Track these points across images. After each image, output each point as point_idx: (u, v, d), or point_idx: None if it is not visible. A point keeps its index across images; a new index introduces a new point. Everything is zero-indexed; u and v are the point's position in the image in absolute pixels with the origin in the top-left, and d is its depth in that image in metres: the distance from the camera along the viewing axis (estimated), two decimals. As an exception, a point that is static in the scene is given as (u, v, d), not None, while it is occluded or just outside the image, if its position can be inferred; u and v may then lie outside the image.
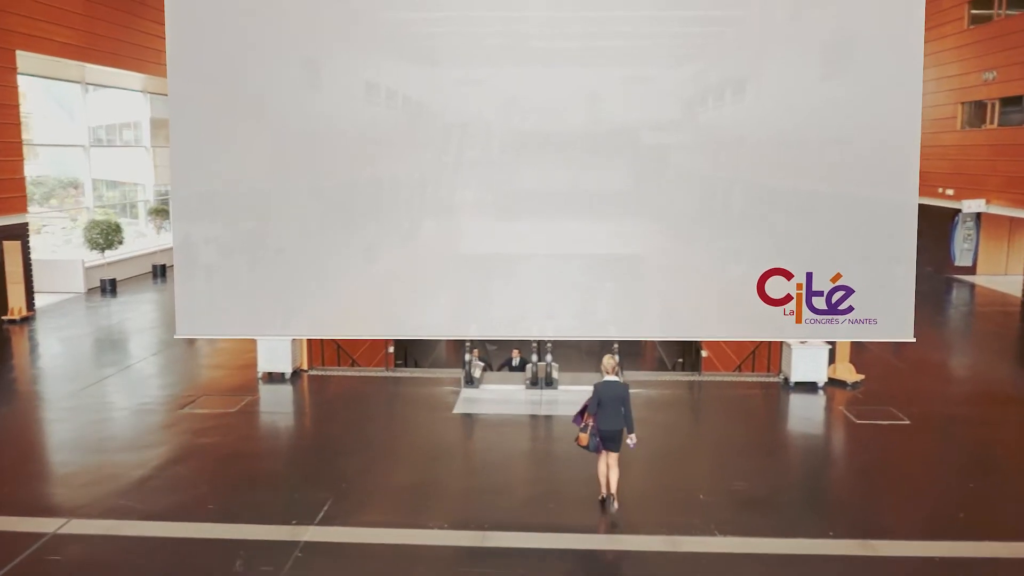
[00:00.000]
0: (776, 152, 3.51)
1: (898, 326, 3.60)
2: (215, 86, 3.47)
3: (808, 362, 12.33)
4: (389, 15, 3.45)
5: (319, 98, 3.50)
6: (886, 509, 8.43)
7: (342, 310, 3.70)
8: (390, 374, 13.57)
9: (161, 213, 23.89)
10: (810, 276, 3.55)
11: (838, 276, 3.55)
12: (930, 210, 22.92)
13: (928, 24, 3.42)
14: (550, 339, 11.84)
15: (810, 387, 12.32)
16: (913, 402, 11.61)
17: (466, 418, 11.29)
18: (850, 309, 3.57)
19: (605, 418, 8.03)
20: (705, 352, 15.42)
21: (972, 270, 23.61)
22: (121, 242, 20.28)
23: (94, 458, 9.64)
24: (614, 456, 8.17)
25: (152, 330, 16.44)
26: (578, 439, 8.19)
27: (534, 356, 12.67)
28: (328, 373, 13.38)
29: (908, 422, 10.86)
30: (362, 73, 3.45)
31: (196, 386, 12.57)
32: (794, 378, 12.37)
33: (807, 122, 3.47)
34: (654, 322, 3.74)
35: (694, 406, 12.28)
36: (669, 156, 3.53)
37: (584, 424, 8.15)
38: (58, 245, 22.04)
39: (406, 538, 7.63)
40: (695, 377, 13.53)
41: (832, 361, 12.55)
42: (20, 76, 17.45)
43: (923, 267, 22.98)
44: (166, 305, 18.77)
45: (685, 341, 17.97)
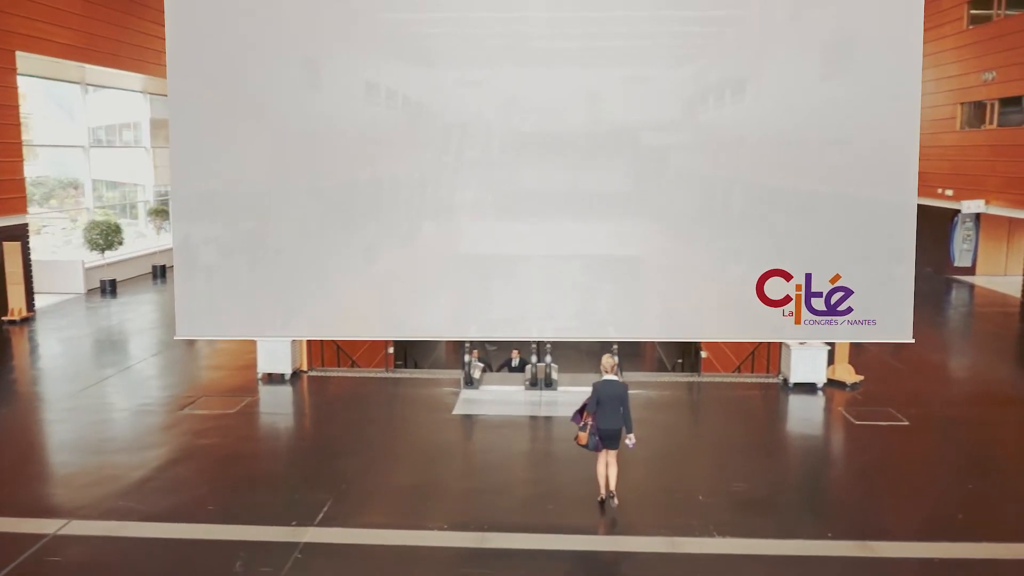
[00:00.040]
0: (775, 152, 3.51)
1: (897, 327, 3.60)
2: (215, 86, 3.47)
3: (807, 363, 12.33)
4: (389, 15, 3.45)
5: (319, 98, 3.50)
6: (885, 510, 8.43)
7: (342, 311, 3.70)
8: (390, 375, 13.56)
9: (161, 214, 23.89)
10: (809, 277, 3.55)
11: (837, 277, 3.55)
12: (929, 210, 22.92)
13: (927, 24, 3.43)
14: (549, 340, 11.84)
15: (809, 388, 12.32)
16: (912, 403, 11.61)
17: (465, 419, 11.29)
18: (849, 310, 3.57)
19: (604, 417, 8.05)
20: (704, 353, 15.42)
21: (971, 271, 23.62)
22: (121, 243, 20.28)
23: (94, 459, 9.63)
24: (613, 454, 8.21)
25: (152, 331, 16.44)
26: (577, 438, 8.21)
27: (533, 357, 12.66)
28: (328, 374, 13.37)
29: (907, 423, 10.86)
30: (362, 73, 3.45)
31: (196, 387, 12.57)
32: (793, 379, 12.36)
33: (806, 122, 3.47)
34: (653, 323, 3.75)
35: (693, 407, 12.28)
36: (669, 156, 3.53)
37: (583, 423, 8.17)
38: (58, 246, 22.04)
39: (406, 539, 7.62)
40: (694, 378, 13.52)
41: (831, 362, 12.54)
42: (20, 77, 17.47)
43: (922, 268, 22.98)
44: (166, 306, 18.76)
45: (685, 342, 17.97)
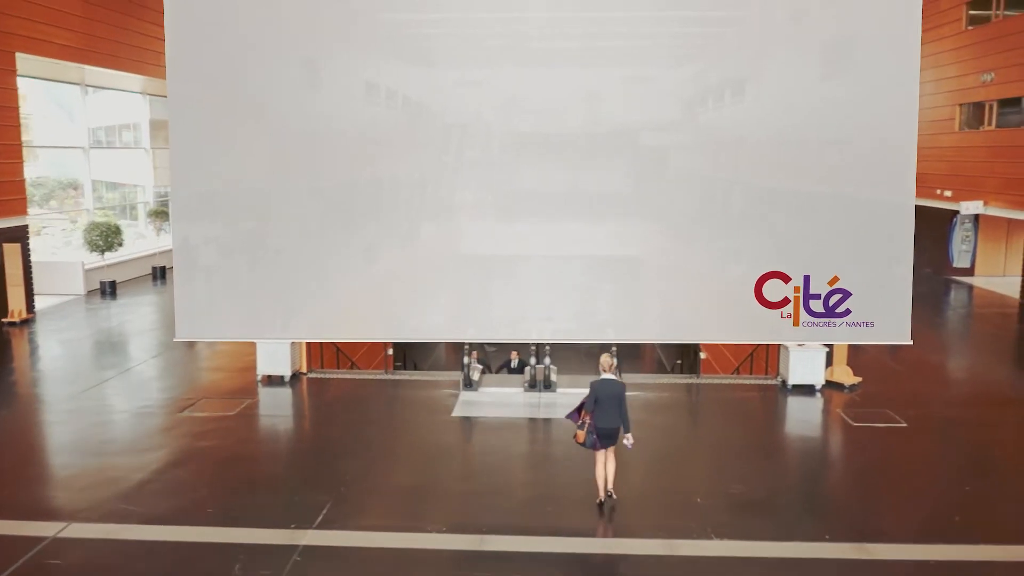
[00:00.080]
0: (775, 153, 3.51)
1: (895, 329, 3.59)
2: (214, 86, 3.47)
3: (806, 364, 12.33)
4: (389, 16, 3.45)
5: (319, 98, 3.50)
6: (882, 512, 8.43)
7: (341, 312, 3.69)
8: (389, 377, 13.56)
9: (161, 215, 23.89)
10: (807, 279, 3.55)
11: (835, 279, 3.55)
12: (928, 211, 22.95)
13: (926, 25, 3.43)
14: (549, 342, 11.83)
15: (808, 390, 12.32)
16: (910, 404, 11.61)
17: (465, 421, 11.29)
18: (847, 312, 3.56)
19: (602, 416, 8.08)
20: (704, 354, 15.43)
21: (970, 271, 23.64)
22: (121, 244, 20.27)
23: (94, 461, 9.63)
24: (611, 451, 8.27)
25: (152, 332, 16.43)
26: (576, 436, 8.24)
27: (532, 359, 12.66)
28: (327, 376, 13.37)
29: (905, 425, 10.86)
30: (362, 73, 3.45)
31: (196, 389, 12.57)
32: (792, 380, 12.37)
33: (806, 123, 3.47)
34: (652, 324, 3.74)
35: (692, 408, 12.28)
36: (669, 157, 3.53)
37: (581, 421, 8.20)
38: (58, 247, 22.05)
39: (405, 542, 7.62)
40: (693, 380, 13.53)
41: (830, 363, 12.54)
42: (20, 78, 17.48)
43: (921, 268, 23.02)
44: (166, 307, 18.76)
45: (684, 343, 17.96)
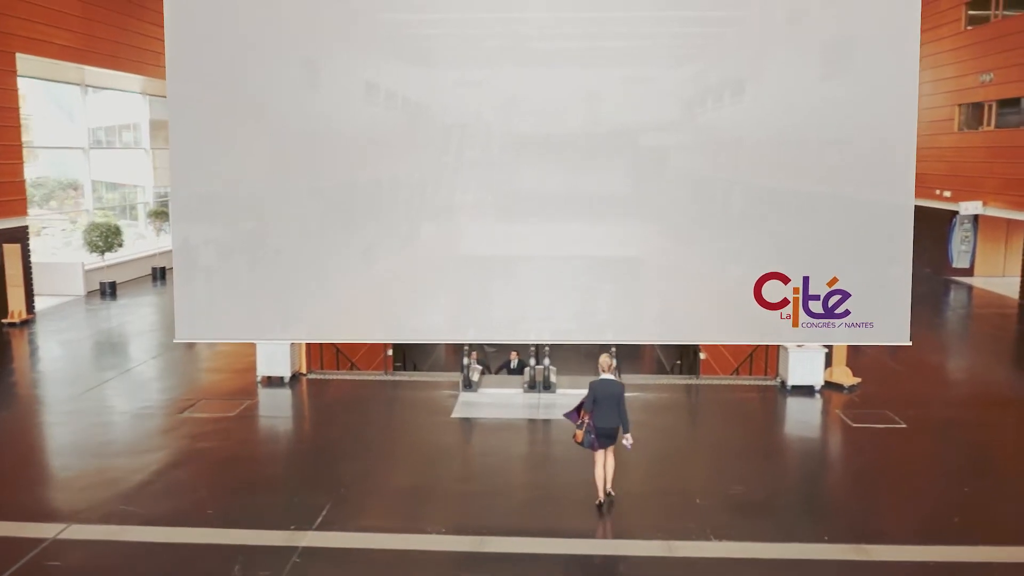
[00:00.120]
0: (774, 153, 3.51)
1: (894, 330, 3.59)
2: (214, 87, 3.47)
3: (805, 365, 12.33)
4: (388, 16, 3.45)
5: (318, 99, 3.50)
6: (881, 513, 8.43)
7: (341, 312, 3.69)
8: (389, 378, 13.55)
9: (161, 215, 23.89)
10: (806, 280, 3.55)
11: (835, 280, 3.55)
12: (928, 212, 22.95)
13: (925, 25, 3.43)
14: (548, 343, 11.83)
15: (807, 390, 12.32)
16: (910, 405, 11.61)
17: (464, 422, 11.28)
18: (846, 313, 3.56)
19: (601, 415, 8.10)
20: (703, 354, 15.42)
21: (970, 272, 23.64)
22: (121, 244, 20.27)
23: (94, 462, 9.62)
24: (610, 450, 8.29)
25: (152, 333, 16.43)
26: (575, 436, 8.26)
27: (532, 359, 12.66)
28: (327, 377, 13.36)
29: (904, 425, 10.86)
30: (362, 74, 3.45)
31: (195, 390, 12.56)
32: (791, 381, 12.36)
33: (805, 123, 3.47)
34: (652, 325, 3.74)
35: (691, 409, 12.27)
36: (668, 157, 3.53)
37: (580, 421, 8.21)
38: (58, 247, 22.05)
39: (404, 543, 7.61)
40: (692, 380, 13.52)
41: (829, 364, 12.54)
42: (20, 79, 17.47)
43: (921, 269, 23.03)
44: (166, 308, 18.75)
45: (683, 343, 17.95)
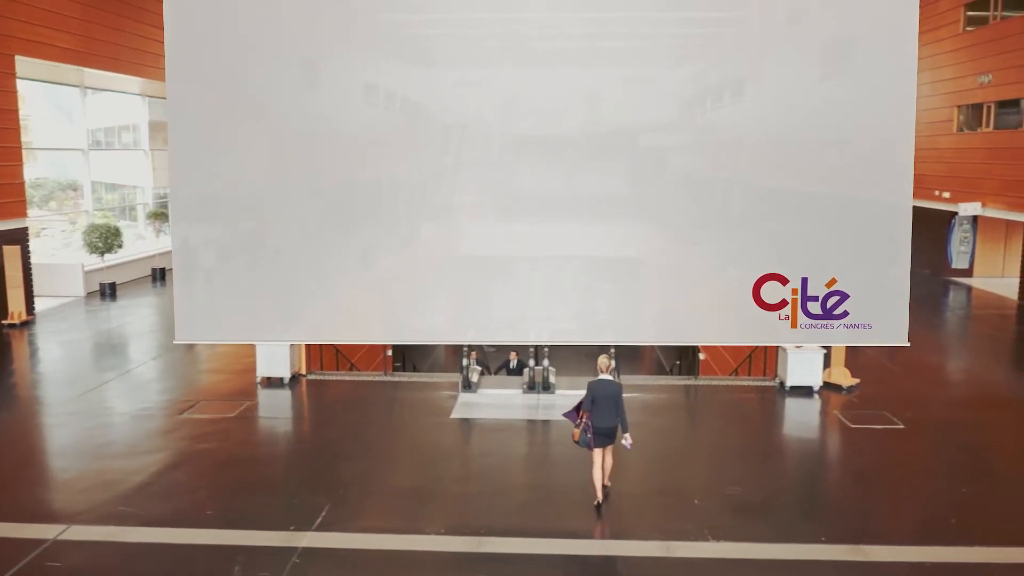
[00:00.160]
0: (774, 153, 3.51)
1: (892, 331, 3.60)
2: (214, 87, 3.47)
3: (803, 366, 12.33)
4: (388, 16, 3.45)
5: (318, 99, 3.50)
6: (879, 514, 8.43)
7: (341, 313, 3.69)
8: (388, 378, 13.55)
9: (160, 216, 23.88)
10: (805, 281, 3.55)
11: (833, 281, 3.55)
12: (927, 213, 22.97)
13: (924, 27, 3.44)
14: (548, 343, 11.83)
15: (805, 391, 12.32)
16: (908, 406, 11.61)
17: (464, 423, 11.28)
18: (845, 314, 3.57)
19: (599, 415, 8.14)
20: (703, 355, 15.43)
21: (969, 272, 23.65)
22: (120, 246, 20.26)
23: (94, 463, 9.61)
24: (609, 448, 8.33)
25: (151, 334, 16.42)
26: (574, 435, 8.34)
27: (531, 360, 12.66)
28: (326, 377, 13.36)
29: (903, 426, 10.86)
30: (361, 74, 3.45)
31: (195, 391, 12.55)
32: (790, 382, 12.36)
33: (805, 123, 3.47)
34: (651, 326, 3.74)
35: (690, 410, 12.27)
36: (668, 157, 3.53)
37: (579, 421, 8.24)
38: (57, 249, 22.04)
39: (403, 544, 7.61)
40: (691, 381, 13.52)
41: (827, 365, 12.55)
42: (19, 80, 17.47)
43: (920, 269, 23.03)
44: (165, 309, 18.75)
45: (682, 344, 17.95)
